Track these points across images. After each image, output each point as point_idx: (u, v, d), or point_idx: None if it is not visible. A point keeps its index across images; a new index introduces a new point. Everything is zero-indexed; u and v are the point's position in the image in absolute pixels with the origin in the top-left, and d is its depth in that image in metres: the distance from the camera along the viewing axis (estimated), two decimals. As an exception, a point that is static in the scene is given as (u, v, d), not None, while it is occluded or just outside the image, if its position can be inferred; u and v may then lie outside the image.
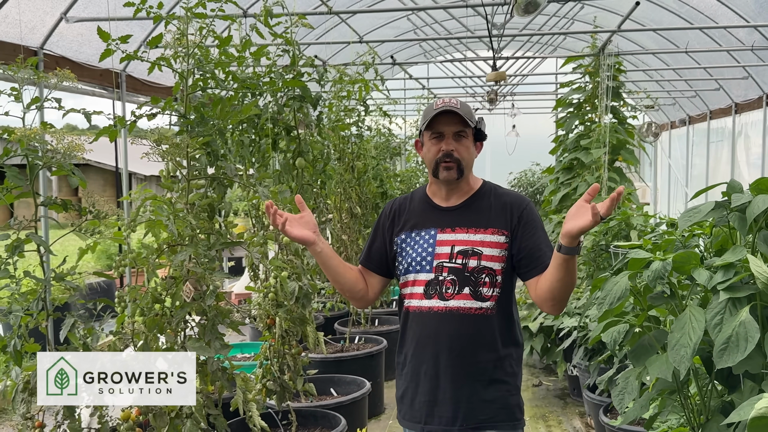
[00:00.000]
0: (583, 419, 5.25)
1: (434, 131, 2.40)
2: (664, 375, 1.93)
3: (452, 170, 2.39)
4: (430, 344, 2.38)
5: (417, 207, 2.52)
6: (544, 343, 5.59)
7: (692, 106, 12.42)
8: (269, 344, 3.86)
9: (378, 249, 2.57)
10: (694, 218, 2.03)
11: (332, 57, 9.58)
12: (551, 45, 12.56)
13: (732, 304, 1.83)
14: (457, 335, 2.36)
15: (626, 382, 2.12)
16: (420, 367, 2.41)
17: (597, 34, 7.73)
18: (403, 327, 2.50)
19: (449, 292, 2.37)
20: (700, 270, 1.95)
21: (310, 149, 4.26)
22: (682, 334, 1.87)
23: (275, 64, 4.04)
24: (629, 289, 2.03)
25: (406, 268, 2.46)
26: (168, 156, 2.73)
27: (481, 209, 2.45)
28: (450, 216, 2.45)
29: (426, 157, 2.45)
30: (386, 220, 2.57)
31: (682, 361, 1.83)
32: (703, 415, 2.14)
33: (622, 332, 2.17)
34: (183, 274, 2.90)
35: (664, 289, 2.08)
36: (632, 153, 7.70)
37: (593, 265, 5.21)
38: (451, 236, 2.41)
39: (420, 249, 2.43)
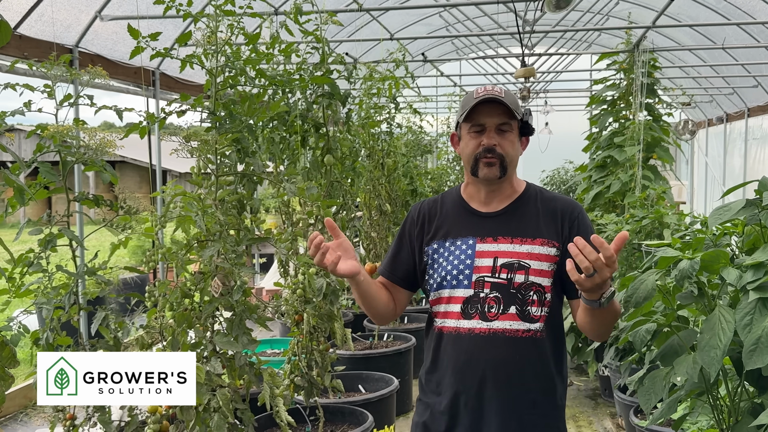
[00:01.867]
0: (614, 420, 5.19)
1: (474, 123, 2.11)
2: (691, 376, 1.90)
3: (494, 167, 2.10)
4: (470, 372, 2.07)
5: (450, 212, 2.22)
6: (575, 343, 5.53)
7: (730, 103, 12.19)
8: (297, 340, 3.88)
9: (404, 260, 2.26)
10: (724, 216, 1.99)
11: (363, 54, 9.60)
12: (585, 41, 12.43)
13: (762, 304, 1.79)
14: (503, 362, 2.05)
15: (653, 382, 2.09)
16: (458, 397, 2.09)
17: (631, 30, 7.63)
18: (435, 350, 2.17)
19: (492, 311, 2.06)
20: (730, 269, 1.91)
21: (339, 146, 4.28)
22: (711, 335, 1.83)
23: (305, 61, 4.06)
24: (656, 288, 1.99)
25: (439, 283, 2.14)
26: (197, 152, 2.76)
27: (528, 216, 2.16)
28: (491, 223, 2.15)
29: (464, 152, 2.16)
30: (413, 226, 2.26)
31: (712, 362, 1.79)
32: (733, 417, 2.10)
33: (649, 332, 2.14)
34: (211, 269, 2.93)
35: (692, 289, 2.04)
36: (667, 151, 7.58)
37: (625, 263, 5.14)
38: (493, 247, 2.11)
39: (456, 261, 2.12)
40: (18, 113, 2.68)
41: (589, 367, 5.53)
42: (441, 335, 2.14)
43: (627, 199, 6.95)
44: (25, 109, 2.70)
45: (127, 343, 2.97)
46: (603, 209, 7.58)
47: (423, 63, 9.22)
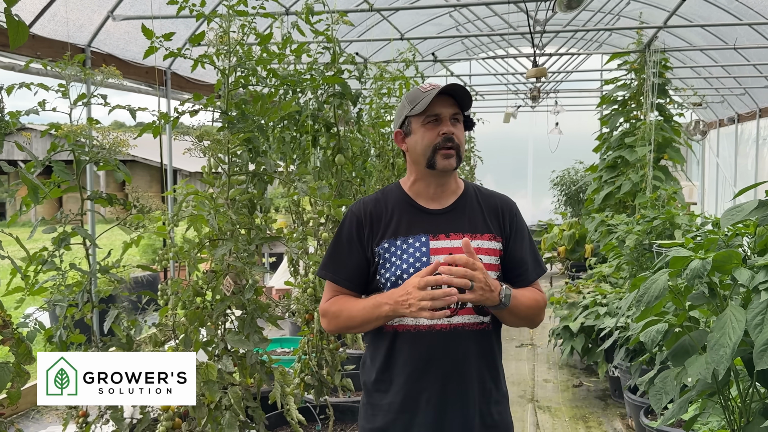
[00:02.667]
0: (623, 421, 5.18)
1: (430, 113, 2.09)
2: (703, 376, 1.90)
3: (452, 158, 2.10)
4: (433, 368, 2.06)
5: (398, 210, 2.17)
6: (585, 344, 5.53)
7: (741, 103, 12.13)
8: (308, 339, 3.90)
9: (358, 266, 2.15)
10: (736, 217, 1.99)
11: (374, 54, 9.61)
12: (596, 41, 12.39)
13: (774, 305, 1.79)
14: (464, 356, 2.07)
15: (664, 382, 2.09)
16: (419, 395, 2.07)
17: (643, 30, 7.61)
18: (390, 349, 2.11)
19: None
20: (741, 269, 1.91)
21: (350, 146, 4.29)
22: (721, 334, 1.83)
23: (316, 61, 4.08)
24: (667, 287, 2.00)
25: (393, 282, 2.08)
26: (209, 152, 2.77)
27: (474, 212, 2.18)
28: (442, 220, 2.14)
29: (419, 144, 2.11)
30: (361, 228, 2.16)
31: (722, 361, 1.80)
32: (744, 418, 2.10)
33: (660, 332, 2.14)
34: (223, 268, 2.95)
35: (703, 289, 2.04)
36: (678, 151, 7.57)
37: (636, 264, 5.14)
38: (446, 243, 2.10)
39: (411, 259, 2.08)
40: (32, 112, 2.70)
41: (599, 367, 5.52)
42: (396, 334, 2.10)
43: (638, 199, 6.94)
44: (39, 108, 2.72)
45: (140, 340, 2.99)
46: (613, 209, 7.58)
47: (433, 63, 9.22)
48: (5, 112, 2.40)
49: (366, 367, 2.22)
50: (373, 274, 2.15)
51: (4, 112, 2.39)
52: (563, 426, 5.11)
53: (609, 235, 6.60)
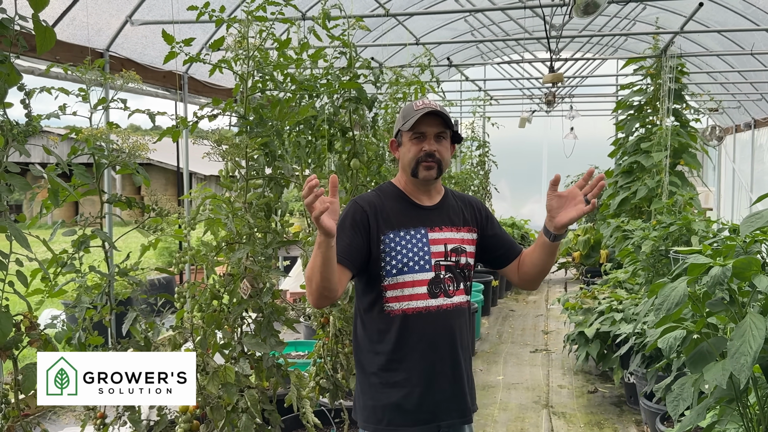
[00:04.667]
0: (639, 427, 5.15)
1: (416, 131, 2.39)
2: (720, 382, 1.90)
3: (432, 170, 2.39)
4: (445, 342, 2.39)
5: (395, 205, 2.44)
6: (600, 350, 5.50)
7: (758, 109, 12.05)
8: (323, 343, 3.91)
9: (359, 248, 2.34)
10: (756, 224, 1.98)
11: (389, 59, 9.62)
12: (612, 46, 12.35)
13: (794, 312, 1.78)
14: (463, 330, 2.45)
15: (682, 389, 2.08)
16: (433, 367, 2.37)
17: (659, 35, 7.59)
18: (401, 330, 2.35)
19: (451, 289, 2.41)
20: (761, 276, 1.90)
21: (365, 150, 4.30)
22: (742, 342, 1.83)
23: (332, 66, 4.10)
24: (687, 295, 1.99)
25: (399, 269, 2.35)
26: (228, 156, 2.79)
27: (455, 208, 2.53)
28: (434, 215, 2.47)
29: (405, 156, 2.42)
30: (365, 217, 2.38)
31: (742, 369, 1.79)
32: (762, 425, 2.09)
33: (678, 338, 2.13)
34: (240, 271, 2.97)
35: (723, 296, 2.03)
36: (695, 157, 7.53)
37: (652, 270, 5.11)
38: (441, 235, 2.45)
39: (415, 248, 2.39)
40: (53, 116, 2.73)
41: (615, 374, 5.49)
42: (406, 317, 2.36)
43: (654, 205, 6.91)
44: (60, 112, 2.75)
45: (158, 342, 3.01)
46: (629, 215, 7.55)
47: (448, 67, 9.22)
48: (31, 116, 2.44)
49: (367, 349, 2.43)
50: (375, 261, 2.37)
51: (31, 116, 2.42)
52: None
53: (624, 240, 6.57)
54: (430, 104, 2.40)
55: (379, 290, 2.37)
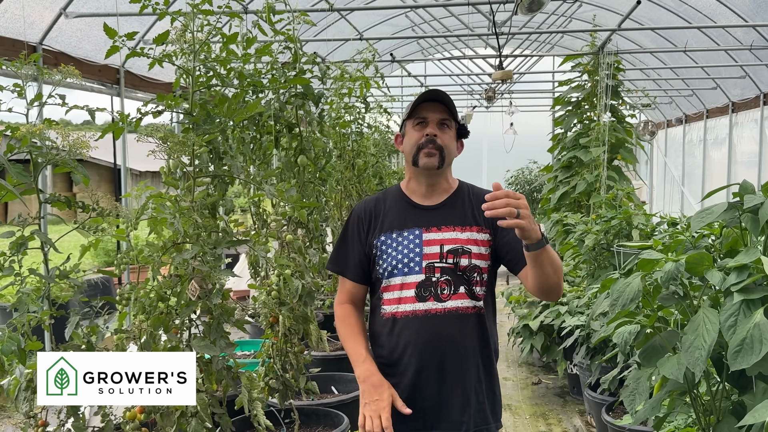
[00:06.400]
0: (582, 417, 5.26)
1: (418, 117, 2.33)
2: (676, 376, 1.93)
3: (434, 157, 2.30)
4: (430, 349, 2.27)
5: (394, 206, 2.40)
6: (545, 342, 5.59)
7: (689, 105, 12.44)
8: (272, 342, 3.85)
9: (359, 258, 2.40)
10: (707, 219, 2.02)
11: (330, 54, 9.57)
12: (549, 43, 12.56)
13: (746, 306, 1.82)
14: (460, 337, 2.28)
15: (637, 383, 2.12)
16: (420, 374, 2.28)
17: (596, 32, 7.74)
18: (389, 334, 2.32)
19: (445, 293, 2.27)
20: (713, 271, 1.94)
21: (312, 147, 4.25)
22: (696, 336, 1.86)
23: (277, 61, 4.03)
24: (641, 290, 2.02)
25: (390, 271, 2.32)
26: (175, 153, 2.71)
27: (464, 207, 2.38)
28: (434, 215, 2.36)
29: (406, 145, 2.36)
30: (362, 225, 2.41)
31: (697, 362, 1.82)
32: (714, 416, 2.14)
33: (633, 333, 2.17)
34: (188, 272, 2.89)
35: (677, 290, 2.07)
36: (631, 152, 7.72)
37: (594, 263, 5.22)
38: (438, 235, 2.32)
39: (406, 250, 2.31)
40: (-14, 112, 2.60)
41: (558, 365, 5.59)
42: (395, 320, 2.31)
43: (592, 199, 7.06)
44: (-7, 109, 2.62)
45: (100, 348, 2.90)
46: (569, 209, 7.68)
47: (390, 63, 9.22)
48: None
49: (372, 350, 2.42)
50: (372, 264, 2.38)
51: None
52: (524, 424, 5.15)
53: (565, 234, 6.69)
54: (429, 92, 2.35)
55: (378, 293, 2.38)
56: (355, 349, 2.33)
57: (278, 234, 3.88)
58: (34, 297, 2.77)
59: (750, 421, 1.62)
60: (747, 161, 10.01)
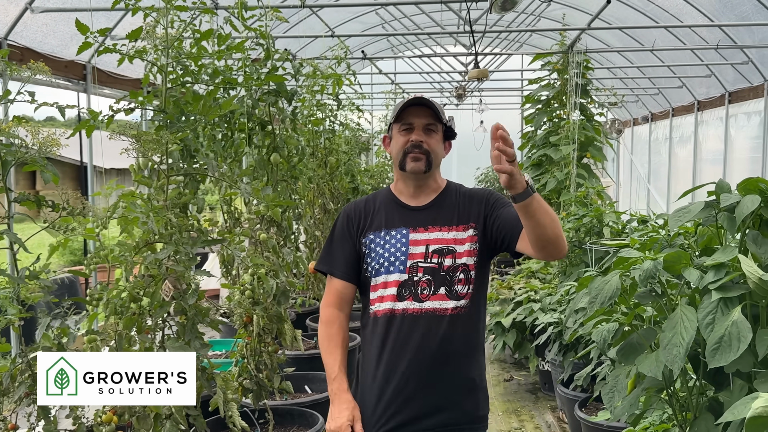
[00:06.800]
0: (554, 413, 5.30)
1: (404, 122, 2.36)
2: (654, 373, 1.95)
3: (420, 161, 2.34)
4: (404, 349, 2.28)
5: (383, 207, 2.45)
6: (517, 339, 5.62)
7: (655, 103, 12.61)
8: (246, 342, 3.81)
9: (349, 257, 2.42)
10: (684, 218, 2.04)
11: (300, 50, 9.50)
12: (518, 41, 12.64)
13: (724, 304, 1.85)
14: (434, 338, 2.27)
15: (616, 380, 2.14)
16: (393, 375, 2.30)
17: (566, 32, 7.81)
18: (377, 333, 2.35)
19: (425, 293, 2.29)
20: (691, 270, 1.97)
21: (286, 145, 4.22)
22: (674, 334, 1.88)
23: (249, 57, 3.99)
24: (620, 288, 2.04)
25: (377, 270, 2.35)
26: (150, 152, 2.67)
27: (452, 207, 2.40)
28: (421, 215, 2.39)
29: (393, 149, 2.41)
30: (350, 224, 2.44)
31: (675, 360, 1.84)
32: (690, 412, 2.17)
33: (612, 331, 2.18)
34: (162, 272, 2.85)
35: (655, 288, 2.09)
36: (600, 150, 7.81)
37: (566, 261, 5.26)
38: (424, 235, 2.35)
39: (392, 249, 2.35)
40: (-47, 109, 2.54)
41: (530, 362, 5.63)
42: (376, 318, 2.35)
43: (563, 196, 7.12)
44: (-41, 105, 2.56)
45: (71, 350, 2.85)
46: (539, 207, 7.72)
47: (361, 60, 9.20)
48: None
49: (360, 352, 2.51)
50: (361, 263, 2.41)
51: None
52: (497, 420, 5.18)
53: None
54: (420, 96, 2.37)
55: (367, 291, 2.41)
56: (329, 363, 2.36)
57: (252, 233, 3.84)
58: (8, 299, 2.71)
59: (729, 417, 1.64)
60: (712, 159, 10.17)
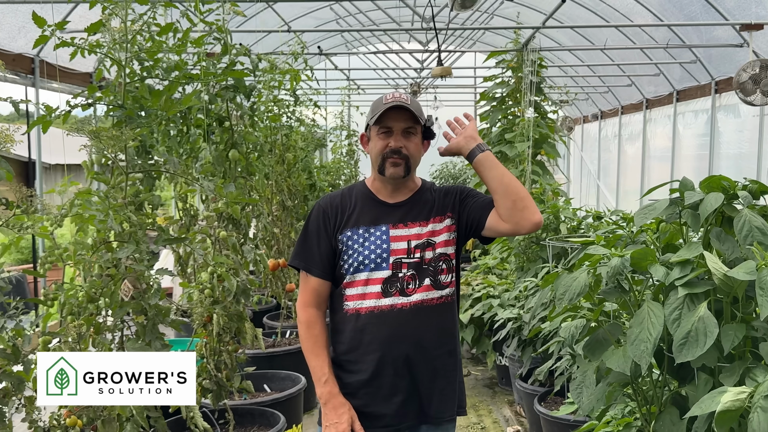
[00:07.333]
0: (512, 408, 5.36)
1: (383, 126, 2.35)
2: (622, 369, 1.98)
3: (399, 167, 2.35)
4: (396, 344, 2.29)
5: (360, 203, 2.42)
6: (475, 334, 5.66)
7: (605, 101, 12.84)
8: (205, 342, 3.75)
9: (326, 253, 2.38)
10: (649, 216, 2.08)
11: (254, 45, 9.40)
12: (471, 39, 12.72)
13: (690, 300, 1.89)
14: (425, 329, 2.32)
15: (584, 376, 2.16)
16: (384, 369, 2.30)
17: (520, 30, 7.89)
18: (353, 330, 2.34)
19: (411, 287, 2.32)
20: (657, 266, 2.00)
21: (244, 141, 4.16)
22: (641, 329, 1.91)
23: (205, 52, 3.92)
24: (588, 285, 2.06)
25: (356, 267, 2.33)
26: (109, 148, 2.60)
27: (428, 202, 2.43)
28: (400, 211, 2.40)
29: (372, 152, 2.40)
30: (326, 219, 2.40)
31: (643, 355, 1.87)
32: (654, 406, 2.21)
33: (579, 327, 2.21)
34: (121, 271, 2.78)
35: (621, 284, 2.12)
36: (554, 147, 7.89)
37: (523, 256, 5.31)
38: (404, 231, 2.37)
39: (373, 246, 2.33)
40: None
41: (488, 357, 5.68)
42: (358, 316, 2.33)
43: (524, 192, 7.17)
44: None
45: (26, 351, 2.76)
46: (494, 203, 7.79)
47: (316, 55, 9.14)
48: None
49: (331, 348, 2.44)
50: (337, 259, 2.38)
51: None
52: (456, 416, 5.21)
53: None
54: (399, 98, 2.35)
55: (340, 288, 2.37)
56: (318, 366, 2.34)
57: (210, 230, 3.78)
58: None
59: (697, 412, 1.68)
60: (660, 156, 10.39)
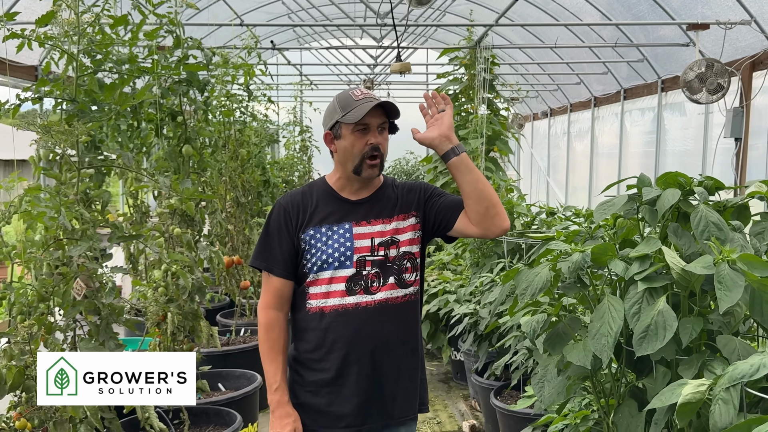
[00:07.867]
0: (467, 402, 5.40)
1: (360, 123, 2.26)
2: (583, 363, 2.01)
3: (376, 168, 2.31)
4: (361, 342, 2.27)
5: (322, 201, 2.37)
6: (431, 330, 5.69)
7: (554, 99, 13.03)
8: (158, 341, 3.68)
9: (288, 252, 2.33)
10: (608, 211, 2.11)
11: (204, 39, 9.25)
12: (423, 36, 12.76)
13: (649, 294, 1.92)
14: (390, 327, 2.31)
15: (545, 370, 2.19)
16: (348, 368, 2.28)
17: (473, 27, 7.94)
18: (316, 329, 2.31)
19: (375, 285, 2.29)
20: (617, 261, 2.03)
21: (198, 136, 4.09)
22: (602, 323, 1.94)
23: (157, 45, 3.84)
24: (550, 280, 2.08)
25: (319, 266, 2.29)
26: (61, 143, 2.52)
27: (391, 198, 2.40)
28: (363, 209, 2.36)
29: (347, 151, 2.30)
30: (288, 218, 2.35)
31: (604, 349, 1.90)
32: (613, 399, 2.24)
33: (541, 321, 2.23)
34: (73, 270, 2.71)
35: (582, 279, 2.15)
36: (507, 143, 7.98)
37: (478, 252, 5.35)
38: (368, 229, 2.33)
39: (336, 244, 2.29)
40: None
41: (443, 352, 5.71)
42: (323, 314, 2.30)
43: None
44: None
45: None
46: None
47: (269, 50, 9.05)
48: None
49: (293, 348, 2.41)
50: (299, 258, 2.33)
51: None
52: (411, 412, 5.23)
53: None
54: (371, 94, 2.31)
55: (303, 288, 2.34)
56: (272, 372, 2.31)
57: (165, 227, 3.71)
58: None
59: (657, 404, 1.71)
60: (608, 153, 10.59)
